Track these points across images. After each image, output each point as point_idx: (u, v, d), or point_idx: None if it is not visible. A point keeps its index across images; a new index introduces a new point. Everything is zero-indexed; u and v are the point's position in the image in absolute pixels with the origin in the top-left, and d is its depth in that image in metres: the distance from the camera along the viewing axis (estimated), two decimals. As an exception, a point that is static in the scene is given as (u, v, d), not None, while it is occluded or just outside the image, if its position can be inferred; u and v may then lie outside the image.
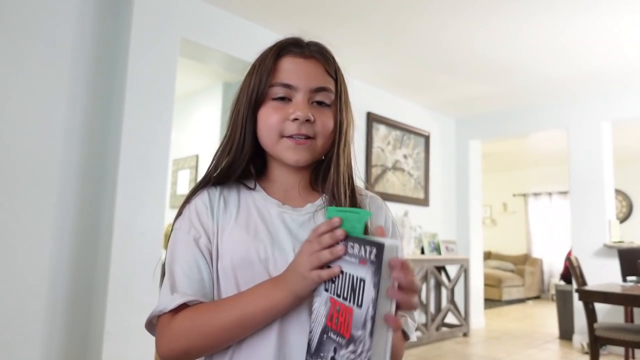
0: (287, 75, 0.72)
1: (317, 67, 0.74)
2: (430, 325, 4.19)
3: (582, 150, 4.36)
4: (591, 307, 2.83)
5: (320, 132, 0.72)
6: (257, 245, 0.69)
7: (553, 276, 7.81)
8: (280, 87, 0.72)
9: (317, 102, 0.73)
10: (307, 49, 0.76)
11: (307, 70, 0.73)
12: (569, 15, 2.92)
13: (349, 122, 0.76)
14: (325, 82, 0.74)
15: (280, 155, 0.73)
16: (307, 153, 0.72)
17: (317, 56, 0.75)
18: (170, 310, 0.65)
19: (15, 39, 2.22)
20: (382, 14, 2.97)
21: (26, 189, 2.21)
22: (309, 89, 0.72)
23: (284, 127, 0.71)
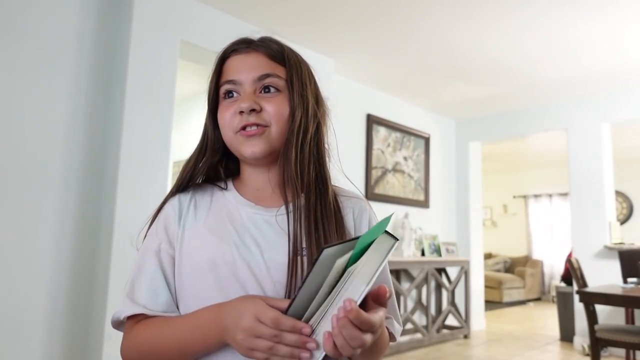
0: (231, 72, 0.73)
1: (258, 57, 0.73)
2: (430, 327, 4.18)
3: (582, 151, 4.36)
4: (592, 309, 2.82)
5: (273, 118, 0.70)
6: (223, 248, 0.68)
7: (554, 278, 7.80)
8: (226, 85, 0.72)
9: (266, 90, 0.71)
10: (249, 44, 0.74)
11: (249, 63, 0.72)
12: (568, 17, 2.92)
13: (308, 109, 0.72)
14: (269, 68, 0.72)
15: (239, 151, 0.72)
16: (261, 143, 0.69)
17: (259, 48, 0.74)
18: (128, 317, 0.68)
19: (16, 41, 2.23)
20: (382, 17, 2.97)
21: (27, 191, 2.21)
22: (252, 79, 0.71)
23: (234, 122, 0.70)
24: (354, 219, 0.75)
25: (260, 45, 0.74)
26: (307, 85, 0.73)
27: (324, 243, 0.66)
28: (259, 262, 0.67)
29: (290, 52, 0.75)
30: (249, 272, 0.66)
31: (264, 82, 0.71)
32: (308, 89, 0.73)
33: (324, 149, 0.74)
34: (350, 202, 0.76)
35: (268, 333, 0.54)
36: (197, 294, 0.67)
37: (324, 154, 0.75)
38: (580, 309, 3.82)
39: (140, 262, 0.72)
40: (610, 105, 4.27)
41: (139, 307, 0.67)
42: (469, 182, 5.14)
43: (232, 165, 0.79)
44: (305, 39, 3.29)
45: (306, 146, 0.71)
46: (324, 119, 0.76)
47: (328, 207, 0.71)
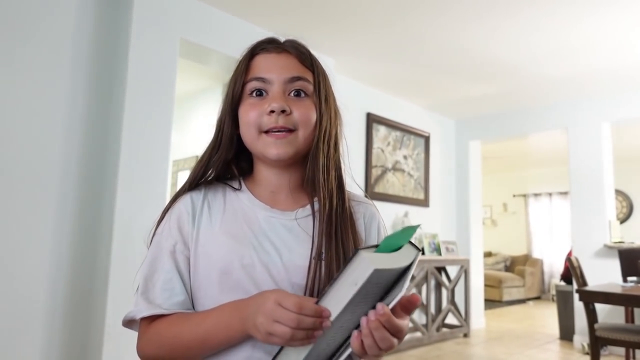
0: (260, 69, 0.72)
1: (289, 59, 0.73)
2: (430, 326, 4.18)
3: (583, 150, 4.36)
4: (592, 308, 2.83)
5: (301, 122, 0.70)
6: (242, 251, 0.67)
7: (553, 277, 7.80)
8: (255, 82, 0.71)
9: (295, 93, 0.71)
10: (280, 44, 0.75)
11: (280, 63, 0.72)
12: (569, 17, 2.92)
13: (332, 116, 0.73)
14: (300, 72, 0.72)
15: (262, 152, 0.70)
16: (288, 146, 0.69)
17: (290, 49, 0.74)
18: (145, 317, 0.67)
19: (15, 40, 2.22)
20: (382, 16, 2.97)
21: (26, 190, 2.21)
22: (283, 80, 0.70)
23: (262, 122, 0.69)
24: (364, 224, 0.75)
25: (291, 47, 0.74)
26: (330, 93, 0.75)
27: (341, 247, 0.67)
28: (277, 265, 0.66)
29: (316, 59, 0.76)
30: (268, 275, 0.66)
31: (294, 85, 0.71)
32: (331, 97, 0.75)
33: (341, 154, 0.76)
34: (361, 207, 0.77)
35: (289, 317, 0.54)
36: (214, 295, 0.67)
37: (341, 160, 0.76)
38: (580, 308, 3.82)
39: (154, 261, 0.71)
40: (611, 105, 4.27)
41: (155, 307, 0.67)
42: (468, 181, 5.14)
43: (244, 163, 0.78)
44: (306, 38, 3.26)
45: (331, 152, 0.72)
46: (341, 127, 0.78)
47: (345, 212, 0.71)
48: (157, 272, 0.69)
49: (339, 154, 0.75)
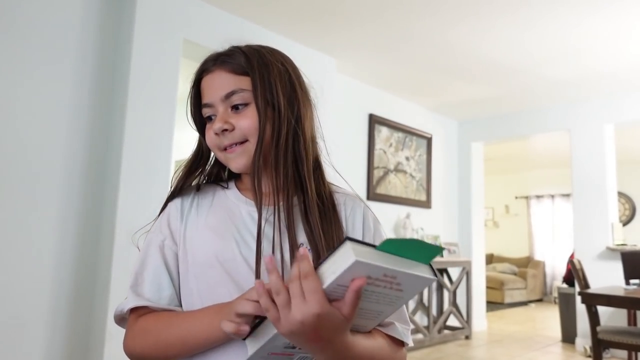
0: (205, 94, 0.74)
1: (222, 75, 0.73)
2: (432, 328, 4.17)
3: (585, 152, 4.35)
4: (594, 310, 2.82)
5: (247, 133, 0.71)
6: (223, 245, 0.70)
7: (555, 279, 7.78)
8: (205, 108, 0.74)
9: (234, 107, 0.72)
10: (215, 61, 0.74)
11: (215, 84, 0.73)
12: (572, 18, 2.92)
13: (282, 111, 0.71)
14: (233, 84, 0.72)
15: (228, 166, 0.75)
16: (242, 158, 0.72)
17: (223, 65, 0.73)
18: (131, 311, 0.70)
19: (19, 42, 2.23)
20: (385, 16, 2.97)
21: (29, 190, 2.22)
22: (220, 100, 0.72)
23: (219, 142, 0.73)
24: (345, 216, 0.75)
25: (223, 62, 0.73)
26: (276, 85, 0.72)
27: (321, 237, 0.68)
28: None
29: (255, 56, 0.73)
30: (248, 268, 0.68)
31: (231, 100, 0.72)
32: (278, 89, 0.71)
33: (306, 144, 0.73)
34: (342, 198, 0.77)
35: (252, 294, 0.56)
36: (199, 289, 0.69)
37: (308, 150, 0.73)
38: (582, 310, 3.81)
39: (144, 257, 0.73)
40: (614, 106, 4.26)
41: (144, 300, 0.69)
42: (471, 183, 5.13)
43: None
44: (308, 38, 3.28)
45: (281, 150, 0.70)
46: (306, 111, 0.75)
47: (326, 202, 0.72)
48: (146, 267, 0.72)
49: (300, 145, 0.72)
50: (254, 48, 0.76)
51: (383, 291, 0.54)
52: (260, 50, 0.75)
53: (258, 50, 0.75)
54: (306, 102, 0.76)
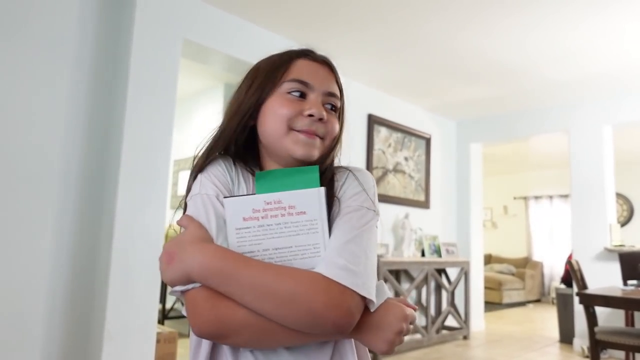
0: (303, 73, 0.75)
1: (328, 73, 0.79)
2: (430, 328, 4.18)
3: (584, 153, 4.36)
4: (592, 311, 2.82)
5: (328, 133, 0.76)
6: None
7: (553, 279, 7.79)
8: (297, 83, 0.74)
9: (331, 107, 0.77)
10: (322, 56, 0.81)
11: (321, 74, 0.77)
12: (572, 19, 2.92)
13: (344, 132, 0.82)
14: (335, 89, 0.78)
15: (287, 148, 0.72)
16: (315, 149, 0.74)
17: (329, 66, 0.80)
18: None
19: (16, 42, 2.23)
20: (384, 18, 2.97)
21: (27, 190, 2.21)
22: (322, 91, 0.76)
23: (296, 121, 0.72)
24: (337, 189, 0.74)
25: (331, 65, 0.81)
26: (344, 116, 0.83)
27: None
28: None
29: (340, 79, 0.82)
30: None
31: (329, 99, 0.77)
32: (344, 120, 0.83)
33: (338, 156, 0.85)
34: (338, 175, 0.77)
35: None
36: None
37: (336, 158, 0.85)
38: (580, 311, 3.82)
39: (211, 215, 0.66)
40: (612, 108, 4.27)
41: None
42: (469, 183, 5.14)
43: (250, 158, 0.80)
44: (307, 39, 3.29)
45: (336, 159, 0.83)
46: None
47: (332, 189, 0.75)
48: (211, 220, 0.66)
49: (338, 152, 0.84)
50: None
51: (286, 220, 0.61)
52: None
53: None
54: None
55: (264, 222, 0.60)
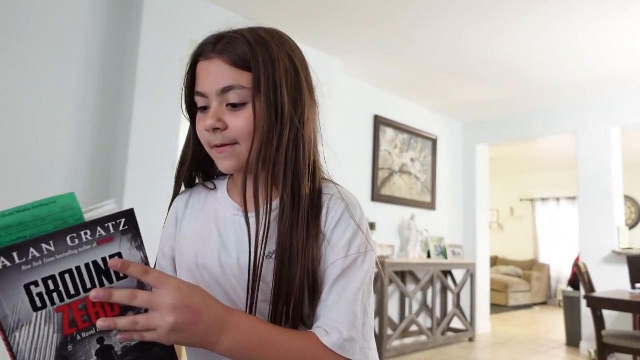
0: (199, 82, 0.67)
1: (220, 65, 0.65)
2: (435, 330, 4.16)
3: (591, 155, 4.33)
4: (599, 314, 2.80)
5: (239, 135, 0.65)
6: (204, 251, 0.70)
7: (560, 282, 7.73)
8: (199, 97, 0.67)
9: (231, 105, 0.65)
10: (214, 47, 0.66)
11: (212, 73, 0.65)
12: (578, 20, 2.90)
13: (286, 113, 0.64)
14: (232, 78, 0.64)
15: (217, 166, 0.70)
16: (231, 161, 0.66)
17: (222, 53, 0.65)
18: None
19: (26, 40, 2.25)
20: (391, 18, 2.96)
21: (36, 188, 2.23)
22: (216, 93, 0.65)
23: (209, 138, 0.67)
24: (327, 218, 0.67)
25: (223, 50, 0.65)
26: (281, 85, 0.64)
27: (295, 244, 0.63)
28: (232, 265, 0.67)
29: (261, 48, 0.65)
30: (223, 275, 0.68)
31: (227, 96, 0.64)
32: (283, 89, 0.64)
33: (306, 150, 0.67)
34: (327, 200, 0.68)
35: None
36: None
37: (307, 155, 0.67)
38: (587, 314, 3.79)
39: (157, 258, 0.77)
40: (620, 109, 4.23)
41: None
42: (476, 185, 5.12)
43: None
44: (313, 39, 3.29)
45: (281, 155, 0.65)
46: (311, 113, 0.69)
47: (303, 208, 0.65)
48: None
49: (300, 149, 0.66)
50: (261, 36, 0.66)
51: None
52: (268, 40, 0.66)
53: (265, 41, 0.66)
54: (312, 103, 0.70)
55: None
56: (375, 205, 4.12)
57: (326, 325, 0.62)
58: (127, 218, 0.54)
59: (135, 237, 0.55)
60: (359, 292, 0.64)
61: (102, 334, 0.53)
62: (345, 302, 0.62)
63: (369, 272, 0.66)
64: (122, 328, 0.52)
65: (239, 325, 0.57)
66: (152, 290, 0.53)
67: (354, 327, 0.62)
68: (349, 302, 0.63)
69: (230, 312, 0.57)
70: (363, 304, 0.64)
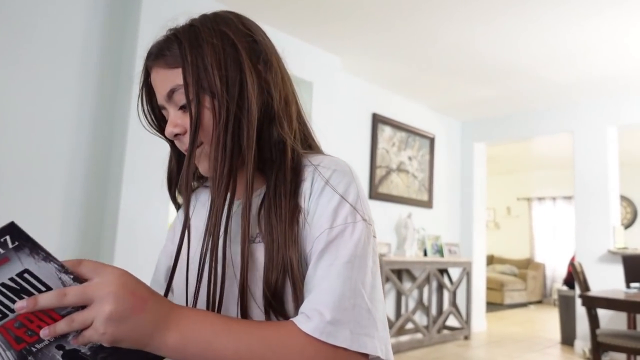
0: (155, 91, 0.66)
1: (159, 72, 0.63)
2: (431, 328, 4.18)
3: (587, 155, 4.35)
4: (594, 313, 2.82)
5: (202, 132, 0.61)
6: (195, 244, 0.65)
7: (555, 281, 7.78)
8: (163, 110, 0.66)
9: (181, 107, 0.62)
10: (150, 58, 0.65)
11: (156, 84, 0.64)
12: (575, 19, 2.91)
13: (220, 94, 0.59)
14: (171, 81, 0.61)
15: None
16: (204, 162, 0.63)
17: (156, 59, 0.64)
18: None
19: (23, 40, 2.24)
20: (390, 16, 2.96)
21: (33, 186, 2.23)
22: (165, 100, 0.63)
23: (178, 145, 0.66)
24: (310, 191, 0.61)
25: (158, 56, 0.63)
26: (211, 66, 0.59)
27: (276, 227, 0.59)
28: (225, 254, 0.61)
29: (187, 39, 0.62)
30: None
31: (174, 100, 0.62)
32: (213, 70, 0.59)
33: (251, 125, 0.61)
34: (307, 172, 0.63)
35: None
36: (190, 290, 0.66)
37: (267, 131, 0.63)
38: (582, 313, 3.81)
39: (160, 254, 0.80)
40: (617, 109, 4.25)
41: None
42: (473, 183, 5.13)
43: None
44: (312, 37, 3.28)
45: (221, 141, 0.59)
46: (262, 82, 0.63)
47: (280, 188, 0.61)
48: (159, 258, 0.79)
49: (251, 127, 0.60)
50: (190, 25, 0.65)
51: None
52: (197, 26, 0.64)
53: (194, 28, 0.63)
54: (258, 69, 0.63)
55: None
56: (372, 203, 4.12)
57: (307, 309, 0.54)
58: (11, 234, 0.47)
59: (34, 249, 0.46)
60: (346, 267, 0.55)
61: (58, 341, 0.48)
62: (329, 280, 0.54)
63: (359, 244, 0.57)
64: (61, 332, 0.46)
65: (189, 316, 0.51)
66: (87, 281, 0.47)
67: (340, 308, 0.52)
68: (333, 279, 0.54)
69: (178, 306, 0.53)
70: (353, 282, 0.54)
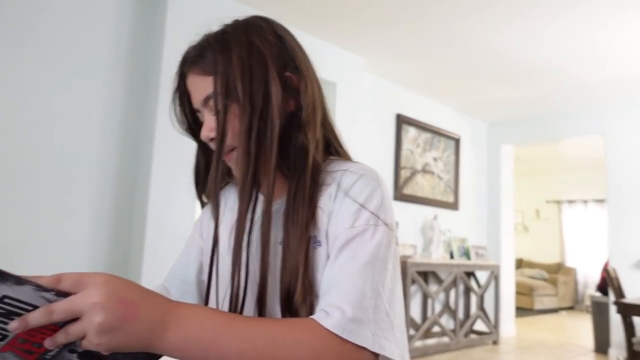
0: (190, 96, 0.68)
1: (194, 79, 0.65)
2: (458, 331, 4.11)
3: (621, 157, 4.20)
4: (629, 321, 2.71)
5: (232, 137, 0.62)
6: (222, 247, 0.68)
7: (588, 287, 7.53)
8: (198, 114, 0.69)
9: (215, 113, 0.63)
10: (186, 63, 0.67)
11: (192, 89, 0.66)
12: (607, 17, 2.82)
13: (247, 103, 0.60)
14: (205, 87, 0.63)
15: None
16: (235, 167, 0.65)
17: (191, 66, 0.66)
18: None
19: (56, 44, 2.32)
20: (415, 16, 2.94)
21: (66, 187, 2.31)
22: (201, 106, 0.65)
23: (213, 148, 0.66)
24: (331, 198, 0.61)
25: (193, 62, 0.65)
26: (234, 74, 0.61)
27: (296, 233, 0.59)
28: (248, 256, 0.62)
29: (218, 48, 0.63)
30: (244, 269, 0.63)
31: (208, 106, 0.64)
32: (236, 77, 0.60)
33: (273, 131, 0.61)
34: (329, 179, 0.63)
35: None
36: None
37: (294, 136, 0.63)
38: (617, 320, 3.67)
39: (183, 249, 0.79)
40: (654, 108, 4.09)
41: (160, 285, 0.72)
42: (500, 185, 5.02)
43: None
44: (336, 37, 3.28)
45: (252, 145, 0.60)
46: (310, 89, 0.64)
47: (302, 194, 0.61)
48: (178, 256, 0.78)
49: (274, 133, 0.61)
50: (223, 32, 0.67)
51: None
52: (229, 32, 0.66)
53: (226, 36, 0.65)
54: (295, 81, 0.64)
55: None
56: (397, 205, 4.09)
57: (327, 305, 0.52)
58: None
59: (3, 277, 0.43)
60: (367, 268, 0.54)
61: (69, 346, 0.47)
62: (350, 278, 0.53)
63: (380, 247, 0.56)
64: (61, 343, 0.46)
65: (188, 315, 0.49)
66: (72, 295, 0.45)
67: (362, 307, 0.51)
68: (353, 277, 0.53)
69: (175, 303, 0.51)
70: (374, 283, 0.54)
